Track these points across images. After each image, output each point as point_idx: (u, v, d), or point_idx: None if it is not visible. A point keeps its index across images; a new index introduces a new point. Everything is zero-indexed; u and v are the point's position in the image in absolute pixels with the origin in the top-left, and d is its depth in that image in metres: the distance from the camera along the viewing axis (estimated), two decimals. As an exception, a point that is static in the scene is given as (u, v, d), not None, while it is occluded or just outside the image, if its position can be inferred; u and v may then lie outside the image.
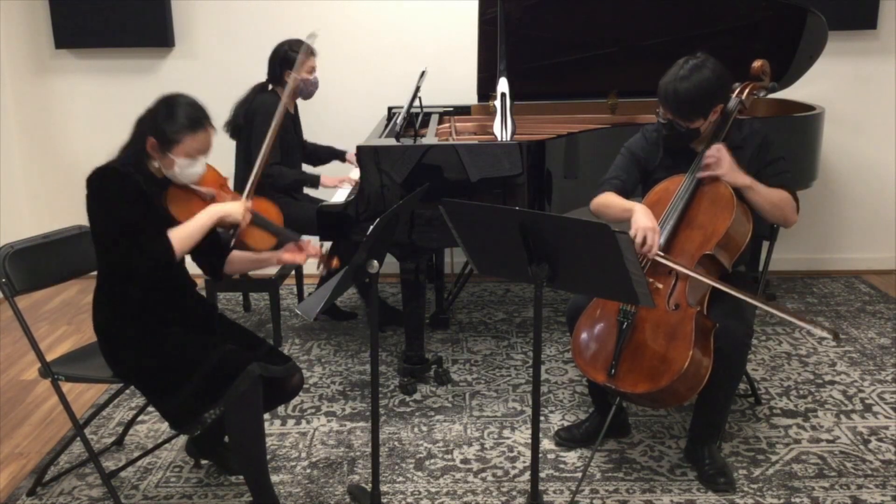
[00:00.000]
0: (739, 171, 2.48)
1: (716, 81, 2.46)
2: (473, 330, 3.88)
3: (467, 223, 2.22)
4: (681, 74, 2.46)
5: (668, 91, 2.48)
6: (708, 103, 2.48)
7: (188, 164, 2.24)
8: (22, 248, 2.43)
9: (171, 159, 2.22)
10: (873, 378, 3.29)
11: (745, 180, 2.47)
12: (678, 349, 2.32)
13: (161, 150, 2.21)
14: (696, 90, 2.44)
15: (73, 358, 2.52)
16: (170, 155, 2.21)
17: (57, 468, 2.70)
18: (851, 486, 2.53)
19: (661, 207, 2.53)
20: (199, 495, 2.57)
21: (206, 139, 2.26)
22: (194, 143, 2.22)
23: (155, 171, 2.27)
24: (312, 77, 3.66)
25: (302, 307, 2.23)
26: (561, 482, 2.59)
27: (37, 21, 4.47)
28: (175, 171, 2.24)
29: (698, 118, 2.50)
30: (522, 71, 3.68)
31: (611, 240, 1.92)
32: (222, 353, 2.23)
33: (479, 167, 3.03)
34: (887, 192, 4.60)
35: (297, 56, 3.47)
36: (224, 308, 4.20)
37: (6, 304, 2.47)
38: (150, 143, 2.21)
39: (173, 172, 2.24)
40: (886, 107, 4.47)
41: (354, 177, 3.48)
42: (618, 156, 2.75)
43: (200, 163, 2.27)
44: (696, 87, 2.44)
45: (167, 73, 4.51)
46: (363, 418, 3.02)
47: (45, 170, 4.66)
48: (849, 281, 4.50)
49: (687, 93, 2.44)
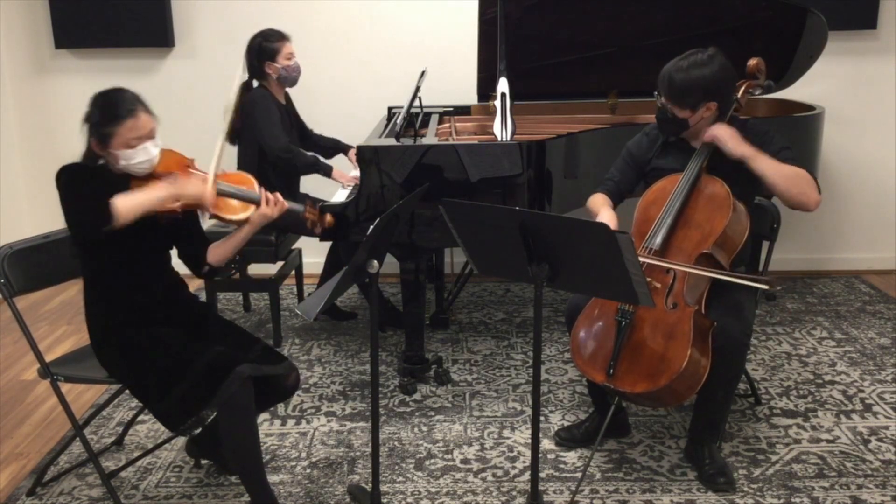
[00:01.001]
0: (741, 141, 2.46)
1: (713, 79, 2.47)
2: (473, 330, 3.88)
3: (467, 223, 2.22)
4: (681, 64, 2.49)
5: (664, 75, 2.52)
6: (699, 96, 2.48)
7: (131, 153, 2.22)
8: (21, 248, 2.44)
9: (113, 154, 2.22)
10: (873, 378, 3.28)
11: (748, 150, 2.44)
12: (676, 348, 2.32)
13: (102, 147, 2.23)
14: (689, 81, 2.46)
15: (72, 358, 2.52)
16: (110, 150, 2.22)
17: (57, 468, 2.70)
18: (851, 486, 2.53)
19: (658, 206, 2.54)
20: (199, 495, 2.57)
21: (138, 125, 2.21)
22: (127, 131, 2.20)
23: (114, 168, 2.27)
24: (293, 63, 3.64)
25: (302, 307, 2.23)
26: (561, 482, 2.59)
27: (37, 21, 4.47)
28: (122, 164, 2.23)
29: (686, 108, 2.51)
30: (522, 71, 3.68)
31: (610, 240, 1.92)
32: (212, 354, 2.23)
33: (479, 167, 3.03)
34: (887, 192, 4.60)
35: (272, 45, 3.48)
36: (224, 308, 4.20)
37: (6, 305, 2.47)
38: (93, 143, 2.24)
39: (122, 166, 2.24)
40: (886, 107, 4.47)
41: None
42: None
43: (144, 150, 2.23)
44: (690, 79, 2.46)
45: (167, 73, 4.51)
46: (363, 418, 3.02)
47: (45, 170, 4.61)
48: (849, 281, 4.50)
49: (680, 81, 2.47)
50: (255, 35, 3.62)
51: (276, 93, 3.67)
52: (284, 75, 3.62)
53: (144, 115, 2.24)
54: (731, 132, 2.48)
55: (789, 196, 2.42)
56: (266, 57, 3.57)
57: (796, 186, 2.40)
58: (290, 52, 3.63)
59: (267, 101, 3.57)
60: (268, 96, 3.60)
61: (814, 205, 2.42)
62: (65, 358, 2.54)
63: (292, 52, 3.64)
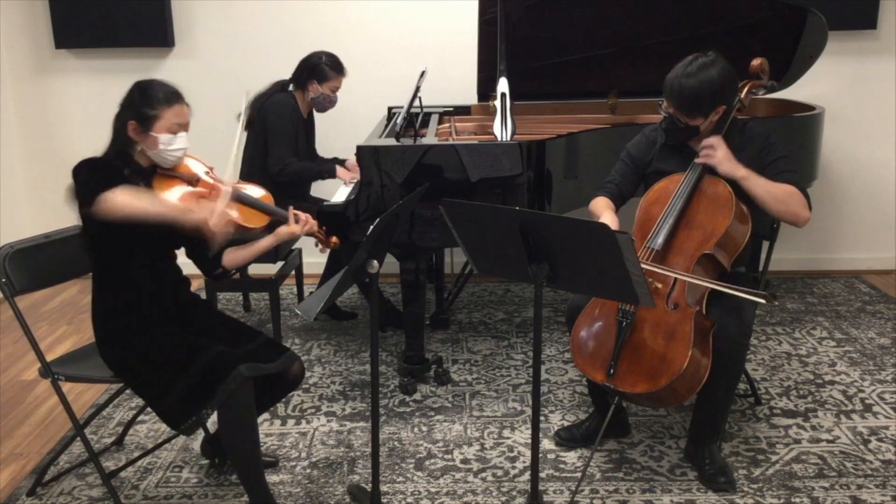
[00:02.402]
0: (735, 163, 2.47)
1: (721, 82, 2.46)
2: (473, 330, 3.88)
3: (467, 223, 2.22)
4: (688, 71, 2.47)
5: (672, 85, 2.49)
6: (710, 103, 2.48)
7: (171, 139, 2.29)
8: (22, 248, 2.43)
9: (153, 137, 2.27)
10: (873, 378, 3.29)
11: (740, 171, 2.46)
12: (677, 349, 2.32)
13: (143, 129, 2.26)
14: (700, 88, 2.45)
15: (72, 358, 2.52)
16: (151, 133, 2.26)
17: (57, 468, 2.70)
18: (851, 486, 2.53)
19: (660, 206, 2.54)
20: (199, 495, 2.57)
21: (183, 112, 2.32)
22: (173, 116, 2.28)
23: (140, 159, 2.31)
24: (333, 95, 3.73)
25: (302, 307, 2.23)
26: (561, 482, 2.59)
27: (37, 21, 4.47)
28: (160, 149, 2.28)
29: (698, 116, 2.50)
30: (522, 71, 3.68)
31: (611, 240, 1.92)
32: (212, 353, 2.24)
33: (479, 167, 3.03)
34: (887, 192, 4.60)
35: (329, 72, 3.54)
36: (224, 308, 4.20)
37: (6, 304, 2.47)
38: (131, 127, 2.27)
39: (157, 152, 2.28)
40: (886, 107, 4.47)
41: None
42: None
43: (182, 138, 2.32)
44: (700, 85, 2.44)
45: (167, 73, 4.50)
46: (363, 418, 3.02)
47: (46, 170, 4.66)
48: (849, 281, 4.50)
49: (691, 90, 2.45)
50: (321, 52, 3.69)
51: (303, 107, 3.74)
52: (320, 101, 3.71)
53: (187, 107, 2.35)
54: (724, 154, 2.48)
55: (779, 215, 2.50)
56: (315, 77, 3.66)
57: (786, 206, 2.46)
58: (338, 85, 3.72)
59: (287, 111, 3.62)
60: (292, 105, 3.65)
61: (803, 222, 2.49)
62: (65, 357, 2.54)
63: (340, 86, 3.73)
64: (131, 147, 2.30)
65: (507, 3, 3.36)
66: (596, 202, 2.73)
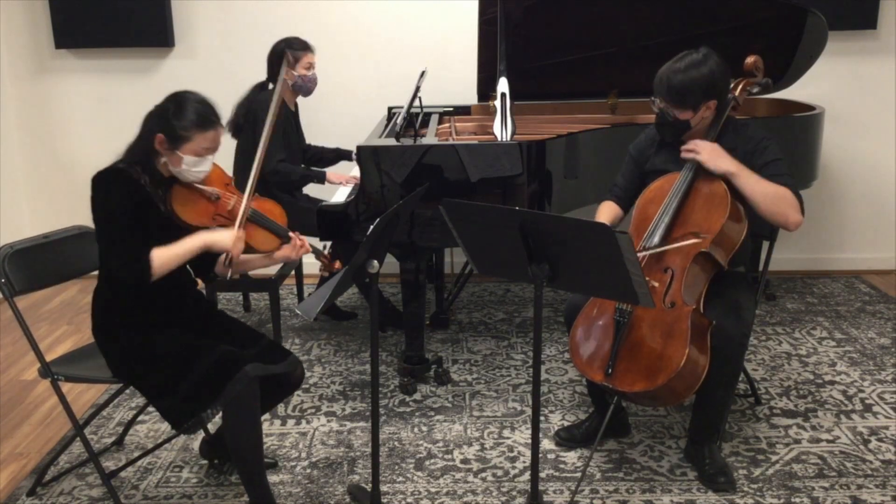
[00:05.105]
0: (724, 157, 2.46)
1: (710, 78, 2.47)
2: (473, 330, 3.88)
3: (467, 223, 2.22)
4: (677, 66, 2.49)
5: (661, 78, 2.51)
6: (698, 96, 2.48)
7: (196, 162, 2.24)
8: (22, 248, 2.43)
9: (178, 156, 2.22)
10: (873, 378, 3.29)
11: (729, 166, 2.45)
12: (674, 347, 2.32)
13: (170, 146, 2.22)
14: (688, 82, 2.46)
15: (72, 358, 2.52)
16: (178, 152, 2.21)
17: (57, 468, 2.70)
18: (851, 486, 2.53)
19: (656, 205, 2.54)
20: (199, 495, 2.57)
21: (216, 137, 2.26)
22: (203, 140, 2.23)
23: (161, 169, 2.27)
24: (310, 73, 3.67)
25: (302, 307, 2.23)
26: (561, 482, 2.59)
27: (37, 21, 4.47)
28: (182, 168, 2.24)
29: (687, 109, 2.50)
30: (522, 71, 3.68)
31: (611, 240, 1.92)
32: (218, 353, 2.23)
33: (479, 167, 3.03)
34: (887, 192, 4.60)
35: (295, 52, 3.50)
36: (224, 308, 4.19)
37: (6, 304, 2.47)
38: (158, 139, 2.21)
39: (180, 170, 2.24)
40: (886, 107, 4.47)
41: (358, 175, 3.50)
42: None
43: (208, 161, 2.27)
44: (689, 80, 2.46)
45: (167, 73, 4.51)
46: (363, 418, 3.03)
47: (45, 170, 4.66)
48: (849, 281, 4.50)
49: (680, 83, 2.46)
50: (280, 40, 3.65)
51: (288, 99, 3.72)
52: (300, 84, 3.66)
53: (221, 130, 2.28)
54: (710, 149, 2.47)
55: (769, 215, 2.45)
56: (287, 62, 3.59)
57: (776, 206, 2.42)
58: (310, 62, 3.67)
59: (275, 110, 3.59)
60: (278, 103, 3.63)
61: (793, 226, 2.44)
62: (65, 357, 2.54)
63: (312, 62, 3.68)
64: (155, 156, 2.25)
65: (507, 3, 3.36)
66: (600, 209, 2.75)
